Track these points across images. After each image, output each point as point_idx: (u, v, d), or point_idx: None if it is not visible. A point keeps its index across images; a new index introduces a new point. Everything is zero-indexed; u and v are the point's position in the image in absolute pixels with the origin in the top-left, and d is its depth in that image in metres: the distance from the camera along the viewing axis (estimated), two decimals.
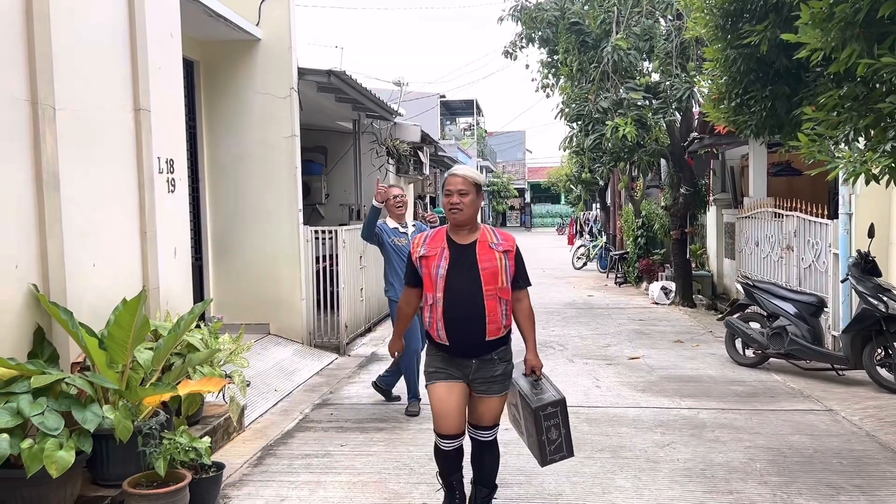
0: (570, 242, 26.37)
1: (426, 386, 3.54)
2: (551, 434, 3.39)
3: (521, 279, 3.48)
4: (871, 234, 6.24)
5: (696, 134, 11.38)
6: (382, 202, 5.70)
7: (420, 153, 13.09)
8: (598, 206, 22.62)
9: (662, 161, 12.73)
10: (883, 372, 6.19)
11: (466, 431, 3.55)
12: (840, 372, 6.64)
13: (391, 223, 5.80)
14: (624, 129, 9.18)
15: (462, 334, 3.37)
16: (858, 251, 6.41)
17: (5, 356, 3.49)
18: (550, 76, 11.76)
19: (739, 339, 7.30)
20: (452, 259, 3.39)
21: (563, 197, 37.39)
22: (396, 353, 3.86)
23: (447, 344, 3.41)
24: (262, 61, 7.64)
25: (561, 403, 3.43)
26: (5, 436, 3.19)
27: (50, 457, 3.20)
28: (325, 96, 9.08)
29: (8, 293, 3.68)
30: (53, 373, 3.53)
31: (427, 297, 3.44)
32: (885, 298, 5.96)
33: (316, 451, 4.84)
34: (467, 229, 3.44)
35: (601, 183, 19.55)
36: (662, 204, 13.20)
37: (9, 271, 3.68)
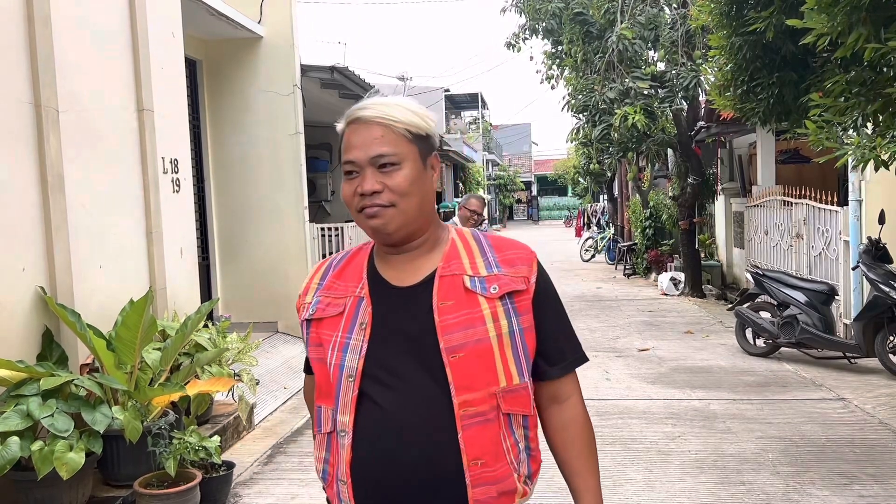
0: (578, 234, 26.27)
1: None
2: None
3: (557, 349, 1.46)
4: (881, 220, 6.18)
5: (702, 123, 11.32)
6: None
7: None
8: (606, 197, 22.57)
9: (670, 151, 12.66)
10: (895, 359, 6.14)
11: None
12: (852, 360, 6.59)
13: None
14: (634, 118, 9.13)
15: None
16: (869, 238, 6.35)
17: (14, 359, 3.50)
18: (555, 67, 11.73)
19: (750, 329, 7.25)
20: (377, 322, 1.39)
21: (570, 189, 37.31)
22: None
23: None
24: (265, 59, 7.63)
25: None
26: (16, 438, 3.20)
27: (60, 458, 3.21)
28: (328, 93, 9.07)
29: (15, 296, 3.69)
30: (62, 374, 3.54)
31: (320, 415, 1.47)
32: None
33: None
34: (416, 245, 1.44)
35: (609, 174, 19.48)
36: (670, 194, 13.13)
37: (16, 274, 3.69)
